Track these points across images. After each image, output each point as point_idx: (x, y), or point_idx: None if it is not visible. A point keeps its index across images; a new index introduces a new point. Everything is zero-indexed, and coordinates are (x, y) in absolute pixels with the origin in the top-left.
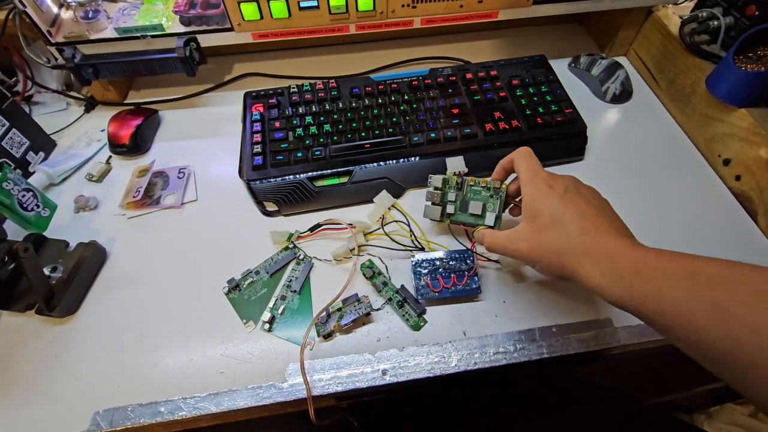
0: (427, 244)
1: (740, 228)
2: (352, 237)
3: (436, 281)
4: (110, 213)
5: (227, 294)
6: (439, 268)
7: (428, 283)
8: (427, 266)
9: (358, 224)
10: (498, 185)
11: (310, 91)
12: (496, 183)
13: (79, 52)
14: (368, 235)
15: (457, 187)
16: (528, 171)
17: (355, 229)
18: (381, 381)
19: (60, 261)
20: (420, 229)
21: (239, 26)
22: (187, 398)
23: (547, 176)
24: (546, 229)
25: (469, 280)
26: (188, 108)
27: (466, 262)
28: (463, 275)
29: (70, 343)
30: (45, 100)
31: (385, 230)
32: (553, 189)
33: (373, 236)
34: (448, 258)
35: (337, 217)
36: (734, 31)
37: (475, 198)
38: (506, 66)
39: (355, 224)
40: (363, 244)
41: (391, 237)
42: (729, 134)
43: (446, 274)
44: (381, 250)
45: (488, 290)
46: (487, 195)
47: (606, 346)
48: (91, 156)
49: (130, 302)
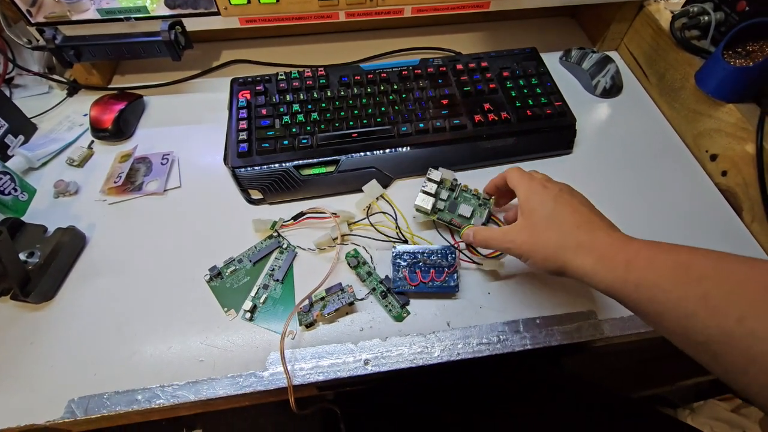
0: (411, 237)
1: (725, 223)
2: (335, 226)
3: (414, 275)
4: (91, 198)
5: (209, 282)
6: (420, 261)
7: (406, 275)
8: (408, 258)
9: (343, 213)
10: (487, 197)
11: (298, 78)
12: (485, 195)
13: (60, 34)
14: (352, 225)
15: (450, 189)
16: (523, 176)
17: (338, 218)
18: (363, 371)
19: (37, 246)
20: (406, 222)
21: (226, 10)
22: (165, 386)
23: (543, 178)
24: (541, 224)
25: (448, 277)
26: (174, 94)
27: (447, 259)
28: (442, 271)
29: (46, 330)
30: (26, 83)
31: (371, 221)
32: (547, 189)
33: (358, 226)
34: (430, 253)
35: (323, 206)
36: (724, 26)
37: (465, 202)
38: (497, 58)
39: (339, 213)
40: (346, 233)
41: (375, 227)
42: (716, 129)
43: (426, 268)
44: (365, 240)
45: (472, 281)
46: (477, 203)
47: (590, 338)
48: (72, 140)
49: (109, 289)
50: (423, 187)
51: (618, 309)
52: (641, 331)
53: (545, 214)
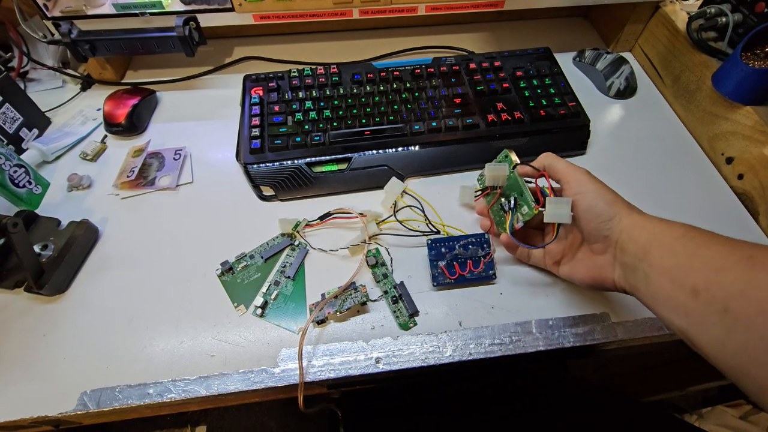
0: (442, 227)
1: (741, 227)
2: (364, 227)
3: (452, 268)
4: (104, 193)
5: (220, 276)
6: (456, 253)
7: (444, 269)
8: (444, 251)
9: (369, 213)
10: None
11: (311, 75)
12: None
13: (75, 28)
14: (380, 224)
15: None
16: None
17: (366, 217)
18: (374, 369)
19: (51, 239)
20: (435, 212)
21: (240, 6)
22: (177, 381)
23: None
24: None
25: (485, 266)
26: (186, 89)
27: (482, 247)
28: (479, 261)
29: (59, 322)
30: (41, 77)
31: (397, 217)
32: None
33: (386, 224)
34: (466, 243)
35: (342, 205)
36: (742, 28)
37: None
38: (510, 57)
39: (366, 213)
40: (376, 233)
41: (404, 224)
42: (733, 132)
43: (462, 260)
44: (394, 239)
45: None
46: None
47: (603, 341)
48: (86, 135)
49: (121, 283)
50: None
51: (631, 311)
52: (655, 334)
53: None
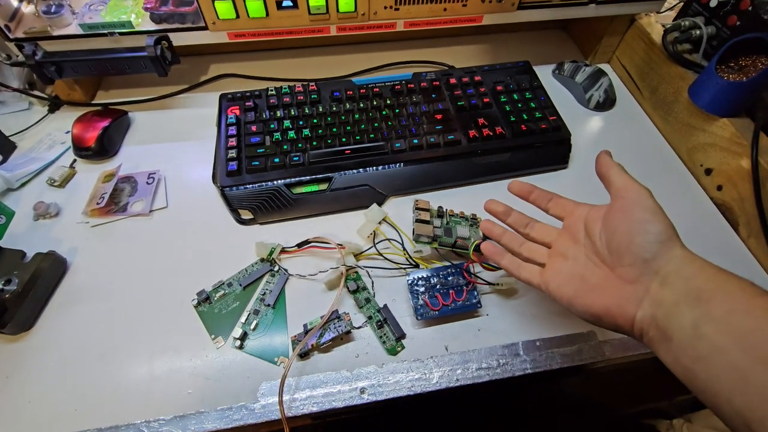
0: (421, 260)
1: (721, 238)
2: (341, 258)
3: (435, 299)
4: (72, 221)
5: (196, 307)
6: (437, 284)
7: (426, 301)
8: (424, 284)
9: (348, 245)
10: (475, 217)
11: (289, 93)
12: (471, 215)
13: (40, 49)
14: (359, 257)
15: (439, 216)
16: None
17: (344, 249)
18: (359, 400)
19: (15, 273)
20: (413, 244)
21: (214, 25)
22: (151, 421)
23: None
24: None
25: (469, 294)
26: (160, 110)
27: (463, 276)
28: (461, 290)
29: (23, 363)
30: (5, 99)
31: (377, 249)
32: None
33: (365, 257)
34: (446, 273)
35: (323, 227)
36: (716, 40)
37: (458, 225)
38: (490, 71)
39: (345, 245)
40: (353, 267)
41: (384, 256)
42: (711, 144)
43: (444, 290)
44: (375, 262)
45: None
46: (468, 224)
47: (590, 360)
48: (53, 159)
49: (92, 317)
50: (417, 217)
51: None
52: (641, 352)
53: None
